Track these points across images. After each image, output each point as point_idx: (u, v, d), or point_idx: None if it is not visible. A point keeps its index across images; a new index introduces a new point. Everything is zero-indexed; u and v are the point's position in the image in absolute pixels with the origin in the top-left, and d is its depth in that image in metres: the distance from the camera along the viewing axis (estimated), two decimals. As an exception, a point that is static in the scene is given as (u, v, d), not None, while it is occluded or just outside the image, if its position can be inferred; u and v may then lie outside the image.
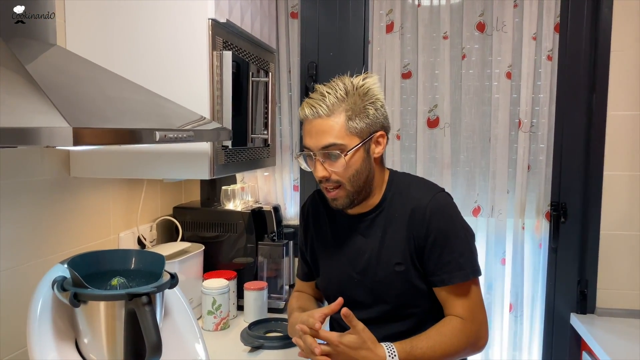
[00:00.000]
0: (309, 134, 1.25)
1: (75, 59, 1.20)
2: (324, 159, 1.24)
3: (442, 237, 1.24)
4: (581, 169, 2.07)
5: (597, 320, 2.05)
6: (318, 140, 1.23)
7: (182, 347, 1.22)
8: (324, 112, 1.22)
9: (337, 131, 1.22)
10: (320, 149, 1.23)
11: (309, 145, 1.25)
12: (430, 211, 1.25)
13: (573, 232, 2.10)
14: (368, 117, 1.24)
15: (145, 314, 1.03)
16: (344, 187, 1.25)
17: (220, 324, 1.80)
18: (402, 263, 1.27)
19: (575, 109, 2.06)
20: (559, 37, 2.05)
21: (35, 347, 1.04)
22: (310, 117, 1.24)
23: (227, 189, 2.11)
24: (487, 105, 2.13)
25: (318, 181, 1.28)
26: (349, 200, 1.27)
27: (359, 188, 1.27)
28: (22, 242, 1.37)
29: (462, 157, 2.17)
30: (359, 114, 1.23)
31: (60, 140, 0.76)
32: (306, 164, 1.31)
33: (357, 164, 1.24)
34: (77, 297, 1.04)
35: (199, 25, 1.45)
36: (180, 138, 1.07)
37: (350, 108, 1.23)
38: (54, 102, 0.81)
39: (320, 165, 1.25)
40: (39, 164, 1.43)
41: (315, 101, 1.24)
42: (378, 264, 1.30)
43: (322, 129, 1.23)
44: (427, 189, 1.31)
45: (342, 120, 1.22)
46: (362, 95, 1.25)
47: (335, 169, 1.23)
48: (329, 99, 1.23)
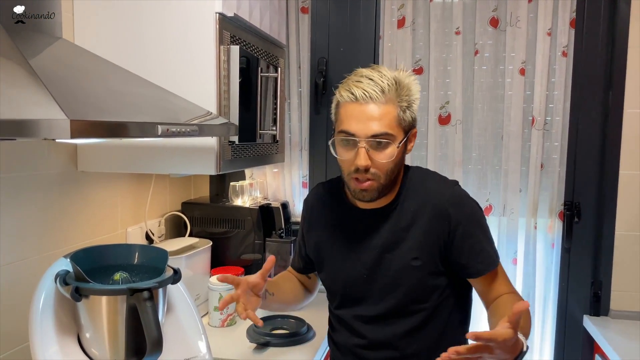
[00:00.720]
0: (356, 119, 1.15)
1: (80, 52, 1.20)
2: (370, 147, 1.16)
3: (469, 229, 1.22)
4: (596, 168, 2.03)
5: (611, 323, 2.00)
6: (368, 127, 1.14)
7: (185, 343, 1.21)
8: (378, 97, 1.14)
9: (389, 121, 1.15)
10: (370, 137, 1.15)
11: (354, 131, 1.15)
12: (453, 205, 1.22)
13: (587, 232, 2.05)
14: (413, 112, 1.20)
15: (146, 309, 1.03)
16: (378, 179, 1.19)
17: (226, 320, 1.80)
18: (419, 258, 1.23)
19: (591, 107, 2.01)
20: (575, 32, 2.00)
21: (36, 340, 1.04)
22: (360, 101, 1.15)
23: (236, 185, 2.10)
24: (500, 102, 2.09)
25: (351, 170, 1.19)
26: (377, 193, 1.21)
27: (390, 182, 1.22)
28: (28, 235, 1.37)
29: (474, 155, 2.13)
30: (409, 107, 1.19)
31: (58, 133, 0.75)
32: (334, 151, 1.22)
33: (398, 158, 1.20)
34: (78, 291, 1.04)
35: (206, 19, 1.44)
36: (184, 132, 1.06)
37: (403, 99, 1.17)
38: (53, 95, 0.80)
39: (364, 154, 1.15)
40: (46, 158, 1.43)
41: (367, 84, 1.15)
42: (392, 259, 1.26)
43: (374, 116, 1.14)
44: (443, 183, 1.28)
45: (396, 111, 1.16)
46: (410, 89, 1.19)
47: (382, 159, 1.16)
48: (384, 85, 1.15)
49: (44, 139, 0.76)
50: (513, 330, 0.95)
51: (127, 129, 0.88)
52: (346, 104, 1.18)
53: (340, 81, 1.23)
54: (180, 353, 1.18)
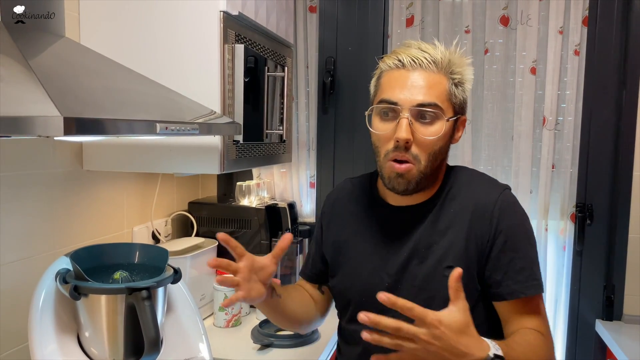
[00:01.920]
0: (401, 86, 1.01)
1: (82, 50, 1.20)
2: (414, 119, 1.00)
3: (513, 240, 1.03)
4: (609, 169, 1.98)
5: (624, 328, 1.95)
6: (414, 95, 0.99)
7: (185, 344, 1.21)
8: (430, 66, 1.00)
9: (440, 92, 1.00)
10: (417, 106, 1.00)
11: (397, 99, 1.00)
12: (500, 208, 1.04)
13: (599, 234, 2.01)
14: (465, 92, 1.06)
15: (145, 308, 1.02)
16: (418, 165, 1.02)
17: (231, 321, 1.79)
18: (453, 267, 0.95)
19: (604, 106, 1.97)
20: (588, 30, 1.96)
21: (35, 337, 1.04)
22: (408, 67, 1.01)
23: (242, 185, 2.10)
24: (510, 101, 2.05)
25: (389, 149, 1.02)
26: (415, 182, 1.03)
27: (431, 171, 1.04)
28: (33, 234, 1.37)
29: (484, 155, 2.10)
30: (462, 84, 1.05)
31: (51, 130, 0.75)
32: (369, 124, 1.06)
33: (444, 140, 1.03)
34: (77, 289, 1.04)
35: (211, 18, 1.43)
36: (184, 131, 1.05)
37: (457, 73, 1.03)
38: (49, 92, 0.79)
39: (407, 125, 0.99)
40: (51, 156, 1.43)
41: (416, 51, 1.02)
42: (422, 266, 1.06)
43: (422, 84, 1.00)
44: (493, 184, 1.11)
45: (447, 84, 1.02)
46: (465, 67, 1.06)
47: (425, 135, 1.00)
48: (436, 55, 1.02)
49: (39, 135, 0.75)
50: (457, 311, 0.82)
51: (123, 127, 0.87)
52: (390, 72, 1.03)
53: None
54: (181, 353, 1.18)
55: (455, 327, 0.84)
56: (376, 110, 1.05)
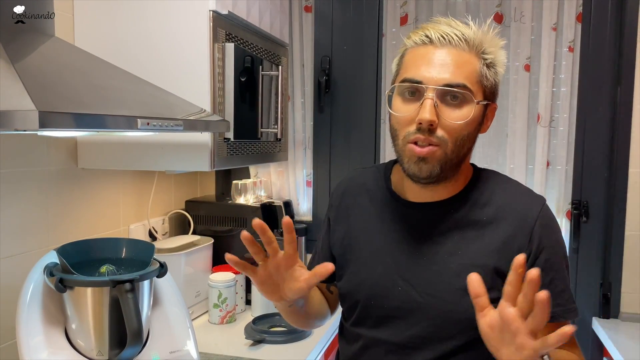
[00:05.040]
0: (427, 63, 0.90)
1: (70, 50, 1.22)
2: (439, 101, 0.90)
3: (555, 260, 0.94)
4: (605, 166, 1.97)
5: (621, 326, 1.94)
6: (441, 73, 0.89)
7: (171, 337, 1.22)
8: (460, 44, 0.90)
9: (469, 72, 0.90)
10: (443, 85, 0.89)
11: (421, 77, 0.90)
12: (542, 224, 0.93)
13: (595, 232, 2.00)
14: (497, 76, 0.95)
15: (128, 300, 1.04)
16: (444, 148, 0.90)
17: (226, 317, 1.81)
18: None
19: (599, 103, 1.96)
20: (582, 27, 1.95)
21: (22, 329, 1.07)
22: (436, 44, 0.90)
23: (238, 184, 2.12)
24: (504, 99, 2.05)
25: (410, 132, 0.91)
26: (439, 168, 0.91)
27: (457, 159, 0.93)
28: (28, 230, 1.40)
29: (478, 153, 2.10)
30: (494, 66, 0.94)
31: (27, 123, 0.77)
32: (390, 105, 0.95)
33: (473, 126, 0.92)
34: (62, 282, 1.06)
35: (200, 17, 1.45)
36: (167, 127, 1.07)
37: (489, 53, 0.93)
38: (27, 87, 0.82)
39: (431, 106, 0.88)
40: (45, 154, 1.46)
41: (446, 28, 0.92)
42: (443, 274, 0.96)
43: (450, 62, 0.90)
44: (532, 196, 0.99)
45: (478, 64, 0.91)
46: (499, 49, 0.95)
47: (452, 119, 0.90)
48: (468, 32, 0.91)
49: (15, 129, 0.77)
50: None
51: (102, 122, 0.89)
52: (416, 49, 0.93)
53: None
54: (166, 346, 1.19)
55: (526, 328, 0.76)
56: (398, 90, 0.94)
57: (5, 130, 0.80)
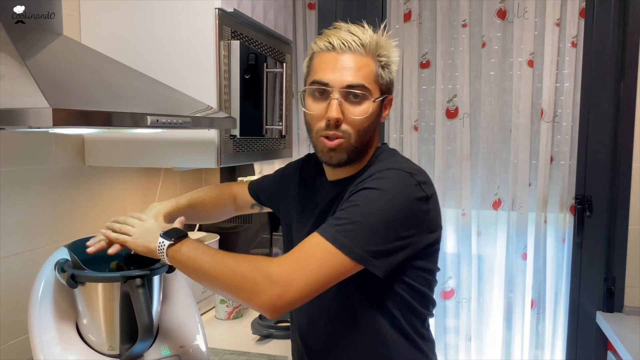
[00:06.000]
0: (331, 67, 1.06)
1: (79, 48, 1.23)
2: (343, 100, 1.06)
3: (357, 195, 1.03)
4: (608, 161, 1.98)
5: (624, 320, 1.95)
6: (343, 76, 1.05)
7: (181, 333, 1.24)
8: (358, 49, 1.06)
9: (367, 74, 1.06)
10: (346, 87, 1.05)
11: (328, 80, 1.06)
12: (370, 175, 1.06)
13: (599, 226, 2.01)
14: (391, 74, 1.12)
15: (139, 296, 1.05)
16: (349, 139, 1.08)
17: (232, 313, 1.82)
18: None
19: (602, 98, 1.97)
20: (585, 22, 1.96)
21: (35, 325, 1.08)
22: (337, 50, 1.06)
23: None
24: (508, 94, 2.06)
25: (321, 127, 1.08)
26: (346, 155, 1.09)
27: (361, 146, 1.10)
28: (37, 227, 1.42)
29: (482, 149, 2.11)
30: (388, 66, 1.10)
31: (41, 121, 0.78)
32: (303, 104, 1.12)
33: (372, 119, 1.09)
34: (74, 278, 1.07)
35: (206, 15, 1.46)
36: (175, 124, 1.09)
37: (383, 56, 1.09)
38: (40, 85, 0.83)
39: (337, 105, 1.05)
40: (53, 152, 1.47)
41: (346, 35, 1.07)
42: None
43: (350, 66, 1.06)
44: (392, 163, 1.10)
45: (374, 66, 1.08)
46: (390, 49, 1.11)
47: (354, 115, 1.06)
48: (364, 38, 1.07)
49: (29, 127, 0.78)
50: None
51: (113, 119, 0.90)
52: (322, 54, 1.09)
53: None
54: (176, 341, 1.21)
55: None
56: (309, 91, 1.11)
57: (19, 127, 0.81)
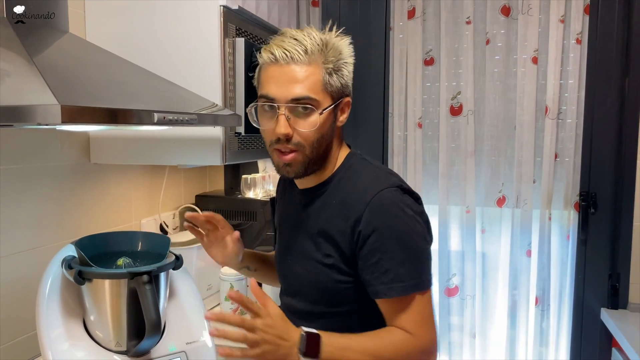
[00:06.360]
0: (276, 81, 1.03)
1: (85, 45, 1.24)
2: (291, 114, 1.04)
3: (382, 240, 1.03)
4: (613, 157, 1.98)
5: (629, 316, 1.95)
6: (288, 90, 1.02)
7: (188, 329, 1.24)
8: (301, 58, 1.02)
9: (313, 84, 1.03)
10: (290, 101, 1.03)
11: (274, 95, 1.03)
12: (371, 210, 1.04)
13: (604, 223, 2.01)
14: (343, 77, 1.08)
15: (146, 292, 1.06)
16: (303, 151, 1.06)
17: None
18: (332, 256, 1.08)
19: (607, 95, 1.97)
20: (589, 19, 1.96)
21: (42, 322, 1.08)
22: (280, 62, 1.03)
23: (247, 178, 2.13)
24: (512, 91, 2.06)
25: (272, 141, 1.07)
26: (303, 168, 1.07)
27: (317, 156, 1.08)
28: (43, 225, 1.42)
29: (486, 146, 2.11)
30: (336, 71, 1.06)
31: (50, 118, 0.79)
32: (256, 120, 1.10)
33: (325, 128, 1.06)
34: (81, 274, 1.07)
35: (211, 12, 1.46)
36: (182, 121, 1.09)
37: (330, 61, 1.04)
38: (48, 83, 0.83)
39: (284, 121, 1.03)
40: (59, 150, 1.48)
41: (288, 44, 1.03)
42: (307, 249, 1.13)
43: (295, 78, 1.02)
44: (376, 182, 1.08)
45: (320, 74, 1.03)
46: (339, 52, 1.07)
47: (303, 128, 1.04)
48: (308, 45, 1.03)
49: (38, 124, 0.79)
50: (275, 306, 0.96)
51: (121, 116, 0.91)
52: (267, 67, 1.06)
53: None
54: (183, 337, 1.21)
55: (281, 316, 0.97)
56: (258, 106, 1.09)
57: (27, 124, 0.81)
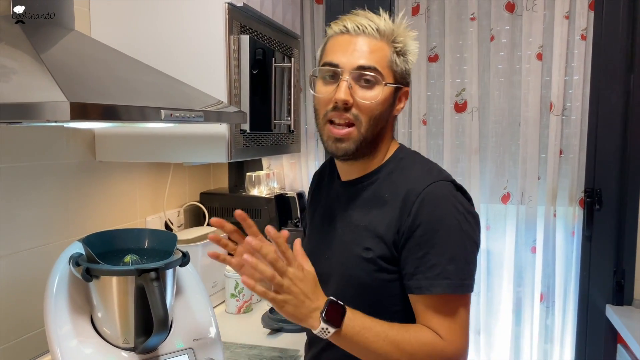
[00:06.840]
0: (343, 50, 1.02)
1: (91, 43, 1.24)
2: (354, 82, 1.02)
3: (430, 234, 0.99)
4: (617, 154, 1.98)
5: (634, 313, 1.95)
6: (355, 58, 1.01)
7: (195, 326, 1.24)
8: (373, 32, 1.02)
9: (380, 58, 1.02)
10: (356, 68, 1.01)
11: (338, 61, 1.02)
12: (422, 200, 1.00)
13: (608, 219, 2.00)
14: (407, 64, 1.07)
15: (153, 289, 1.06)
16: (359, 127, 1.03)
17: (242, 307, 1.83)
18: (372, 249, 1.03)
19: (612, 91, 1.96)
20: (594, 15, 1.95)
21: (50, 319, 1.09)
22: (351, 32, 1.02)
23: (252, 175, 2.13)
24: (517, 88, 2.06)
25: (328, 109, 1.03)
26: (355, 147, 1.03)
27: (372, 137, 1.05)
28: (49, 222, 1.43)
29: (491, 142, 2.10)
30: (404, 54, 1.05)
31: (59, 114, 0.79)
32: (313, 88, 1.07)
33: (383, 107, 1.04)
34: (89, 272, 1.08)
35: (216, 9, 1.46)
36: (189, 118, 1.09)
37: (399, 42, 1.04)
38: (57, 80, 0.84)
39: (345, 87, 1.01)
40: (64, 147, 1.48)
41: (362, 19, 1.03)
42: (348, 242, 1.08)
43: (364, 48, 1.01)
44: (429, 173, 1.06)
45: (389, 51, 1.03)
46: (408, 40, 1.07)
47: (364, 99, 1.01)
48: (381, 24, 1.03)
49: (47, 121, 0.79)
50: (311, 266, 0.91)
51: (129, 113, 0.91)
52: (335, 37, 1.05)
53: None
54: (190, 334, 1.21)
55: (313, 275, 0.94)
56: (319, 74, 1.06)
57: (36, 121, 0.82)
